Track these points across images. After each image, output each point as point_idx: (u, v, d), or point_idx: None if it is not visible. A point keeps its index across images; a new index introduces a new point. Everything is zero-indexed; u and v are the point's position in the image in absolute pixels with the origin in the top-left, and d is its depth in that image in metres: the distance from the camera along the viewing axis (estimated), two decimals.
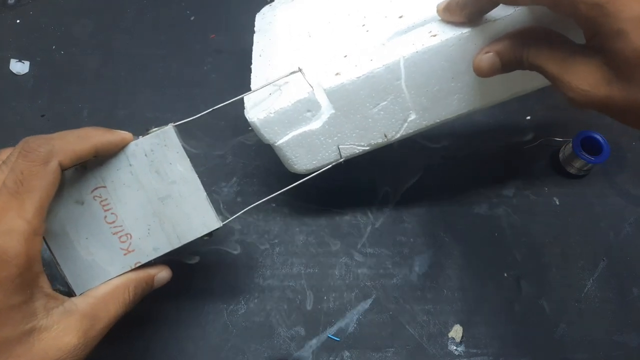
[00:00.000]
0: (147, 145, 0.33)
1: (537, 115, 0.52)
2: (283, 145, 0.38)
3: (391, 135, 0.38)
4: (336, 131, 0.38)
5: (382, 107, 0.37)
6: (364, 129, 0.38)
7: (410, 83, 0.36)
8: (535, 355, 0.41)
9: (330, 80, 0.35)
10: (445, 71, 0.35)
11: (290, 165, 0.40)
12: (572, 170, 0.48)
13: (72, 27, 0.56)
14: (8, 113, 0.50)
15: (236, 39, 0.55)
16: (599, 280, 0.44)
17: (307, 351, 0.41)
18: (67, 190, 0.32)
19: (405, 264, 0.44)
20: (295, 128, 0.37)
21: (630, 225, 0.47)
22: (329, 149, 0.39)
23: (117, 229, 0.33)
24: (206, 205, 0.34)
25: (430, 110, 0.37)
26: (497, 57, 0.32)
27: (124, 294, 0.32)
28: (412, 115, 0.37)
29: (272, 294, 0.43)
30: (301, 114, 0.37)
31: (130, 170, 0.33)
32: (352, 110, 0.37)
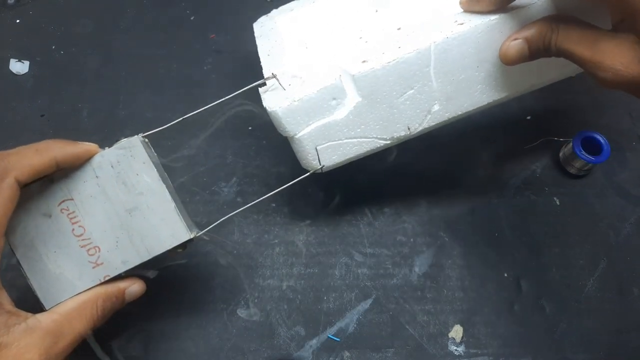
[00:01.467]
0: (113, 156, 0.33)
1: (537, 115, 0.52)
2: (304, 138, 0.36)
3: (414, 128, 0.37)
4: (360, 122, 0.37)
5: (408, 96, 0.36)
6: (388, 121, 0.37)
7: (439, 70, 0.35)
8: (535, 355, 0.41)
9: (358, 67, 0.35)
10: (472, 59, 0.35)
11: (309, 162, 0.38)
12: (572, 170, 0.48)
13: (72, 27, 0.56)
14: (8, 113, 0.50)
15: (236, 39, 0.55)
16: (599, 280, 0.44)
17: (307, 351, 0.41)
18: (35, 203, 0.32)
19: (405, 264, 0.44)
20: (318, 118, 0.36)
21: (631, 225, 0.47)
22: (350, 144, 0.37)
23: (85, 242, 0.33)
24: (175, 217, 0.33)
25: (454, 101, 0.37)
26: (526, 43, 0.32)
27: (92, 310, 0.31)
28: (435, 106, 0.37)
29: (272, 293, 0.43)
30: (326, 102, 0.35)
31: (96, 182, 0.33)
32: (378, 98, 0.36)
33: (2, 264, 0.41)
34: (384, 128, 0.37)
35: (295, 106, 0.35)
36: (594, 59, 0.29)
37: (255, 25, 0.45)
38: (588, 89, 0.54)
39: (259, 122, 0.50)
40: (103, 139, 0.48)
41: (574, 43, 0.30)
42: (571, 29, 0.31)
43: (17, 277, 0.33)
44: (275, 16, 0.44)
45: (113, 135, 0.49)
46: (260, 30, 0.44)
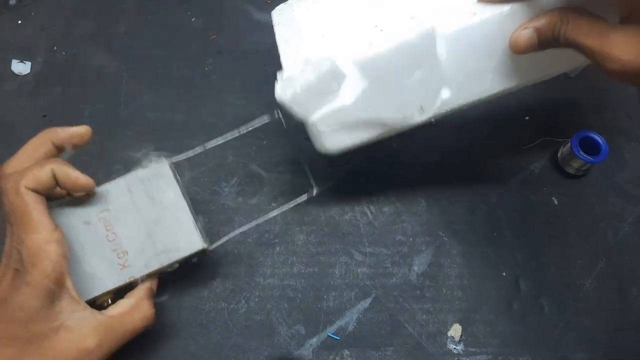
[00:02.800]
0: (145, 175, 0.38)
1: (535, 116, 0.52)
2: (317, 121, 0.38)
3: (426, 109, 0.38)
4: (371, 104, 0.37)
5: (418, 77, 0.36)
6: (400, 101, 0.37)
7: (450, 57, 0.36)
8: (534, 355, 0.42)
9: (363, 51, 0.35)
10: (484, 49, 0.36)
11: (323, 144, 0.39)
12: (571, 170, 0.49)
13: (73, 28, 0.56)
14: (9, 113, 0.51)
15: (237, 40, 0.56)
16: (598, 280, 0.45)
17: (308, 350, 0.41)
18: (78, 212, 0.37)
19: (404, 263, 0.45)
20: (326, 103, 0.37)
21: (629, 225, 0.47)
22: (363, 126, 0.38)
23: (115, 247, 0.37)
24: (192, 229, 0.38)
25: (465, 89, 0.38)
26: (535, 33, 0.33)
27: (141, 310, 0.36)
28: (446, 92, 0.37)
29: (273, 292, 0.43)
30: (327, 85, 0.36)
31: (129, 197, 0.38)
32: (387, 80, 0.36)
33: None
34: (396, 110, 0.38)
35: (300, 93, 0.36)
36: (602, 50, 0.30)
37: (274, 13, 0.44)
38: (586, 89, 0.54)
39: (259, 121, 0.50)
40: (104, 139, 0.49)
41: (582, 34, 0.31)
42: (581, 21, 0.31)
43: None
44: (294, 4, 0.43)
45: (114, 135, 0.49)
46: (279, 18, 0.43)
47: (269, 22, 0.57)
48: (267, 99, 0.52)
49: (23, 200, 0.32)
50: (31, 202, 0.32)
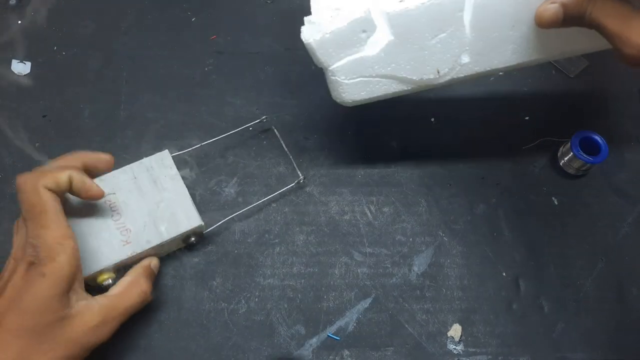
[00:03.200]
0: (149, 163, 0.43)
1: (535, 116, 0.52)
2: (337, 70, 0.39)
3: (443, 72, 0.39)
4: (391, 60, 0.38)
5: (440, 39, 0.38)
6: (418, 62, 0.39)
7: (474, 24, 0.37)
8: (533, 354, 0.42)
9: (393, 5, 0.36)
10: (508, 18, 0.37)
11: (339, 94, 0.40)
12: (571, 171, 0.49)
13: (73, 28, 0.56)
14: (10, 114, 0.51)
15: (237, 40, 0.56)
16: (598, 280, 0.45)
17: (307, 350, 0.41)
18: None
19: (404, 264, 0.45)
20: (350, 51, 0.38)
21: (629, 225, 0.47)
22: (380, 82, 0.40)
23: (119, 225, 0.41)
24: (191, 207, 0.42)
25: (485, 56, 0.39)
26: (561, 8, 0.34)
27: (137, 286, 0.39)
28: (466, 58, 0.39)
29: (273, 293, 0.43)
30: (356, 34, 0.37)
31: (134, 182, 0.42)
32: (411, 38, 0.37)
33: None
34: (414, 69, 0.39)
35: (327, 38, 0.37)
36: (623, 34, 0.31)
37: None
38: (587, 89, 0.54)
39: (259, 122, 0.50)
40: (104, 139, 0.49)
41: (606, 16, 0.32)
42: (607, 3, 0.32)
43: None
44: None
45: (114, 136, 0.49)
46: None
47: (269, 22, 0.57)
48: (267, 99, 0.52)
49: (41, 198, 0.35)
50: (49, 201, 0.35)
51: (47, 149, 0.49)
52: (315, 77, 0.54)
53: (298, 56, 0.55)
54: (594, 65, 0.55)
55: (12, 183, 0.47)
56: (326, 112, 0.52)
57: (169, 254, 0.44)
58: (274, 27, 0.57)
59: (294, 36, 0.55)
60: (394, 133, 0.51)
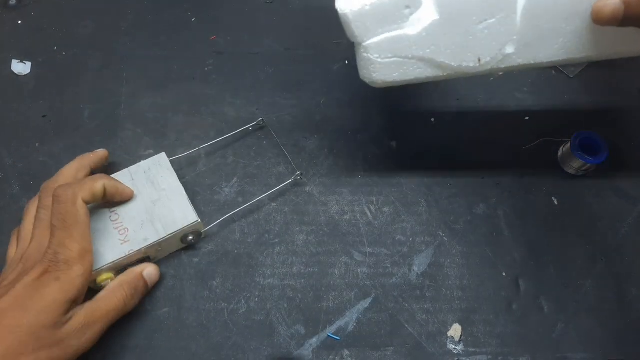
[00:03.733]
0: (146, 165, 0.44)
1: (535, 116, 0.52)
2: (371, 47, 0.36)
3: (485, 62, 0.36)
4: (432, 42, 0.36)
5: (488, 25, 0.35)
6: (460, 47, 0.36)
7: (527, 11, 0.34)
8: (533, 355, 0.42)
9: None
10: (564, 9, 0.34)
11: (369, 73, 0.37)
12: (571, 171, 0.49)
13: (73, 28, 0.56)
14: (9, 114, 0.51)
15: (237, 40, 0.56)
16: (597, 280, 0.45)
17: (307, 350, 0.41)
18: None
19: (404, 264, 0.45)
20: (389, 28, 0.35)
21: (629, 225, 0.47)
22: (415, 65, 0.37)
23: (117, 225, 0.41)
24: (187, 205, 0.43)
25: (531, 48, 0.36)
26: (623, 5, 0.31)
27: (120, 292, 0.39)
28: (511, 48, 0.36)
29: (273, 293, 0.43)
30: (399, 9, 0.35)
31: (132, 183, 0.43)
32: (457, 20, 0.35)
33: None
34: (454, 54, 0.36)
35: (367, 11, 0.34)
36: None
37: None
38: (587, 89, 0.54)
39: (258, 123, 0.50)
40: (104, 139, 0.49)
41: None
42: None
43: None
44: None
45: (114, 136, 0.49)
46: None
47: (269, 22, 0.57)
48: (267, 99, 0.52)
49: (78, 211, 0.37)
50: (83, 215, 0.37)
51: (47, 149, 0.49)
52: (315, 77, 0.54)
53: (298, 56, 0.55)
54: (594, 65, 0.55)
55: (12, 183, 0.47)
56: (326, 112, 0.52)
57: (169, 254, 0.44)
58: (274, 27, 0.57)
59: (294, 36, 0.56)
60: (394, 133, 0.51)
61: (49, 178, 0.42)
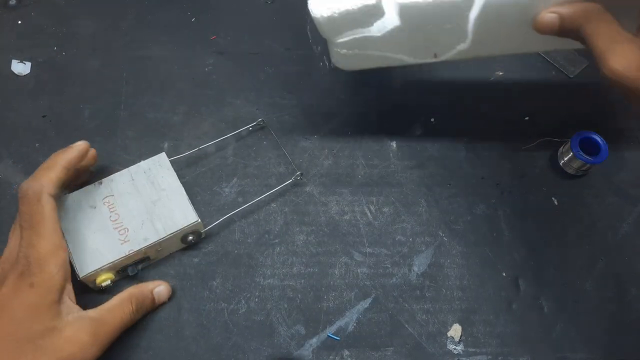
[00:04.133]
0: (146, 165, 0.44)
1: (535, 116, 0.52)
2: (340, 44, 0.41)
3: (440, 56, 0.41)
4: (393, 42, 0.40)
5: (443, 30, 0.39)
6: (419, 47, 0.41)
7: (479, 20, 0.38)
8: (533, 354, 0.42)
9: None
10: (511, 19, 0.38)
11: (338, 61, 0.43)
12: (571, 171, 0.49)
13: (73, 28, 0.56)
14: (9, 114, 0.51)
15: (237, 40, 0.56)
16: (597, 280, 0.45)
17: (307, 350, 0.41)
18: (85, 199, 0.42)
19: (404, 264, 0.45)
20: (355, 31, 0.40)
21: (629, 225, 0.47)
22: (380, 57, 0.42)
23: (117, 225, 0.41)
24: (187, 205, 0.43)
25: (480, 45, 0.40)
26: (558, 20, 0.35)
27: (127, 305, 0.39)
28: (463, 45, 0.40)
29: (273, 293, 0.43)
30: (365, 18, 0.39)
31: (132, 183, 0.43)
32: (417, 27, 0.39)
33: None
34: (414, 51, 0.41)
35: (335, 17, 0.39)
36: (605, 56, 0.32)
37: None
38: (587, 89, 0.54)
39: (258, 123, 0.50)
40: (104, 139, 0.49)
41: (597, 35, 0.33)
42: (600, 23, 0.33)
43: None
44: None
45: (114, 136, 0.49)
46: None
47: (269, 22, 0.57)
48: (267, 99, 0.52)
49: (44, 207, 0.36)
50: (49, 210, 0.36)
51: (47, 149, 0.49)
52: (315, 77, 0.54)
53: (298, 56, 0.55)
54: (594, 65, 0.55)
55: (12, 183, 0.47)
56: (326, 112, 0.52)
57: (169, 254, 0.44)
58: (274, 27, 0.57)
59: (294, 36, 0.56)
60: (394, 133, 0.51)
61: None
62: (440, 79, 0.54)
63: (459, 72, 0.54)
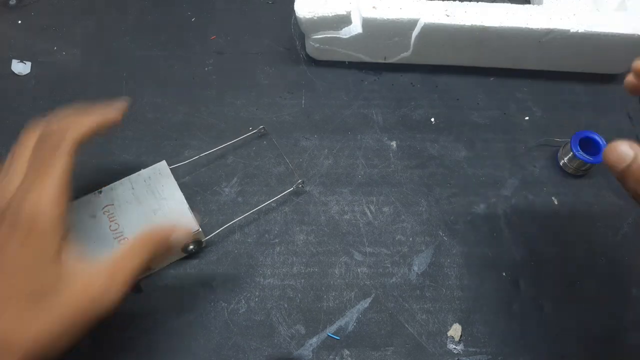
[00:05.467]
0: (146, 174, 0.44)
1: (535, 116, 0.52)
2: (314, 40, 0.51)
3: (388, 59, 0.54)
4: (355, 44, 0.52)
5: (393, 41, 0.51)
6: (374, 50, 0.53)
7: (418, 37, 0.50)
8: (533, 354, 0.42)
9: (368, 11, 0.48)
10: (444, 40, 0.50)
11: (311, 52, 0.54)
12: (571, 170, 0.49)
13: (73, 28, 0.56)
14: (9, 113, 0.51)
15: (237, 40, 0.56)
16: (598, 280, 0.45)
17: (307, 349, 0.41)
18: (85, 209, 0.42)
19: (404, 263, 0.45)
20: (328, 32, 0.50)
21: (629, 225, 0.47)
22: (344, 53, 0.53)
23: (117, 234, 0.41)
24: (188, 213, 0.42)
25: (421, 55, 0.53)
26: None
27: (141, 249, 0.35)
28: (406, 53, 0.53)
29: (273, 292, 0.43)
30: (337, 23, 0.49)
31: (132, 192, 0.43)
32: (373, 35, 0.50)
33: None
34: (370, 53, 0.53)
35: (314, 20, 0.48)
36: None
37: None
38: (587, 89, 0.54)
39: (259, 122, 0.50)
40: (104, 139, 0.49)
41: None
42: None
43: None
44: None
45: (114, 136, 0.49)
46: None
47: (269, 22, 0.57)
48: (267, 99, 0.52)
49: (59, 157, 0.33)
50: (63, 163, 0.33)
51: None
52: (315, 77, 0.54)
53: (298, 56, 0.55)
54: None
55: None
56: (326, 112, 0.52)
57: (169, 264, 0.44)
58: (274, 27, 0.57)
59: (294, 36, 0.56)
60: (394, 133, 0.51)
61: None
62: (441, 80, 0.54)
63: (459, 72, 0.54)
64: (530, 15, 0.48)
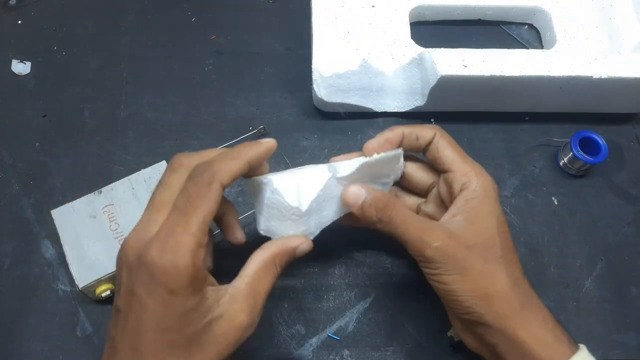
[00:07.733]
0: (146, 174, 0.44)
1: (535, 116, 0.52)
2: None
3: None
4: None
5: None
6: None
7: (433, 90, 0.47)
8: None
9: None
10: (461, 90, 0.48)
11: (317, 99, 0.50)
12: (571, 171, 0.49)
13: (73, 28, 0.56)
14: (9, 113, 0.51)
15: (237, 40, 0.56)
16: (597, 280, 0.45)
17: (307, 349, 0.41)
18: (85, 209, 0.42)
19: (404, 263, 0.45)
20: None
21: (629, 225, 0.47)
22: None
23: (117, 234, 0.41)
24: None
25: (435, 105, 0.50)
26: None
27: (273, 268, 0.35)
28: (420, 103, 0.50)
29: (273, 292, 0.43)
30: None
31: (132, 192, 0.43)
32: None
33: None
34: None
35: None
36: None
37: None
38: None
39: (259, 122, 0.50)
40: (104, 139, 0.49)
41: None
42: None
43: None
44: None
45: (114, 136, 0.50)
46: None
47: (269, 22, 0.57)
48: (267, 99, 0.52)
49: (209, 196, 0.31)
50: (212, 202, 0.31)
51: (47, 149, 0.49)
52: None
53: (298, 56, 0.55)
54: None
55: (12, 183, 0.47)
56: (326, 112, 0.52)
57: None
58: (274, 27, 0.57)
59: (294, 36, 0.56)
60: None
61: (49, 178, 0.42)
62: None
63: None
64: (550, 62, 0.46)
